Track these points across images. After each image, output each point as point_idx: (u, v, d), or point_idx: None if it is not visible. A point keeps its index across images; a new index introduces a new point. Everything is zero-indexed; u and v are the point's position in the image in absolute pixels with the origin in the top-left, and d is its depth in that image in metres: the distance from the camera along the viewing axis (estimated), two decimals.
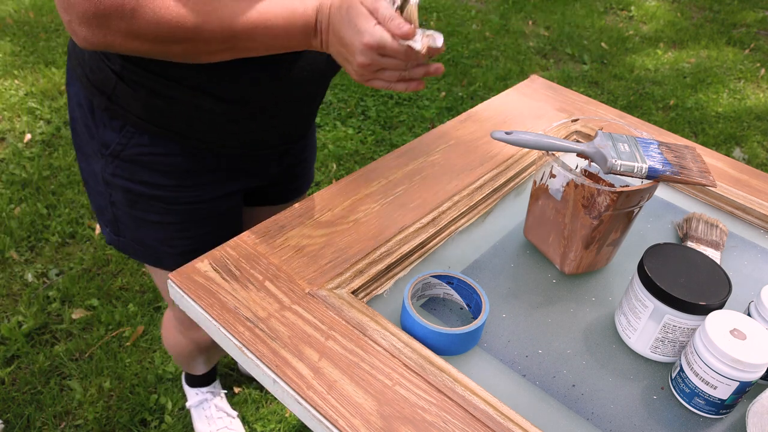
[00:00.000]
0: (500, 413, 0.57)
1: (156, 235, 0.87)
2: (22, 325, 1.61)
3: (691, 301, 0.61)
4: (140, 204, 0.84)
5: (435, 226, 0.78)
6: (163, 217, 0.85)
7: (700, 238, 0.82)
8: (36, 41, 2.90)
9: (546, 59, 3.25)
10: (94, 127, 0.81)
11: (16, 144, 2.25)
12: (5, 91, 2.53)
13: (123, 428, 1.42)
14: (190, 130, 0.80)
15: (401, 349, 0.62)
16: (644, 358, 0.68)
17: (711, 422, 0.62)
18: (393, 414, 0.57)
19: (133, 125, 0.79)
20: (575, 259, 0.74)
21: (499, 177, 0.88)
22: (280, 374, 0.59)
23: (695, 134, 2.73)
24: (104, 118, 0.79)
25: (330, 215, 0.79)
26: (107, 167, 0.82)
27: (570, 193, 0.70)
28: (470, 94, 2.84)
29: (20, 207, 1.99)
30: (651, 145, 0.71)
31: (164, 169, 0.82)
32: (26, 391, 1.48)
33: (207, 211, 0.88)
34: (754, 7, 4.05)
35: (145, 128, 0.79)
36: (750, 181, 0.95)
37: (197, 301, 0.65)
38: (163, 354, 1.59)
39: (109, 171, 0.82)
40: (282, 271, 0.70)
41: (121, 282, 1.77)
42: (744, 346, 0.58)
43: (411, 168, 0.89)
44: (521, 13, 3.71)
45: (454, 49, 3.19)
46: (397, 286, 0.73)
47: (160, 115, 0.78)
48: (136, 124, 0.79)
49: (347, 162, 2.35)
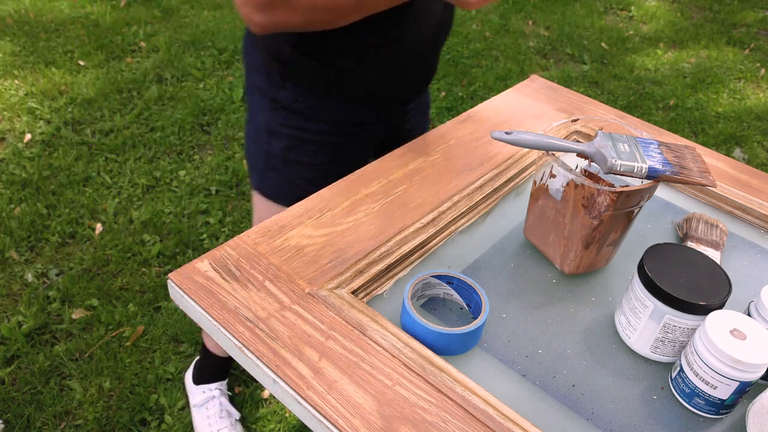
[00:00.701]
0: (500, 413, 0.57)
1: (305, 174, 1.05)
2: (22, 325, 1.61)
3: (691, 301, 0.61)
4: (298, 148, 1.03)
5: (435, 226, 0.78)
6: (315, 159, 1.04)
7: (700, 238, 0.82)
8: (36, 41, 2.90)
9: (546, 59, 3.25)
10: (267, 88, 1.01)
11: (16, 144, 2.25)
12: (5, 91, 2.53)
13: (123, 428, 1.42)
14: (347, 87, 0.98)
15: (401, 349, 0.62)
16: (644, 358, 0.68)
17: (711, 422, 0.62)
18: (393, 414, 0.57)
19: (302, 85, 0.98)
20: (575, 259, 0.74)
21: (499, 177, 0.88)
22: (280, 374, 0.59)
23: (695, 134, 2.73)
24: (278, 80, 0.99)
25: (330, 215, 0.79)
26: (276, 118, 1.02)
27: (570, 193, 0.70)
28: (470, 94, 2.84)
29: (20, 207, 1.99)
30: (651, 145, 0.71)
31: (323, 118, 1.01)
32: (26, 391, 1.48)
33: (350, 155, 1.06)
34: (754, 7, 4.05)
35: (312, 87, 0.98)
36: (750, 181, 0.95)
37: (197, 301, 0.65)
38: (163, 354, 1.59)
39: (278, 121, 1.02)
40: (282, 271, 0.70)
41: (121, 282, 1.77)
42: (744, 346, 0.58)
43: (411, 168, 0.89)
44: (521, 13, 3.71)
45: (454, 49, 3.19)
46: (397, 286, 0.73)
47: (324, 77, 0.96)
48: (304, 84, 0.98)
49: None
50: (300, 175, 1.06)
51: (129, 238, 1.92)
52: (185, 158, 2.29)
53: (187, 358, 1.59)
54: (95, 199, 2.06)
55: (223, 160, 2.29)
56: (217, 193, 2.15)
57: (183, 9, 3.38)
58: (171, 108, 2.55)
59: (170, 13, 3.32)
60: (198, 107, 2.56)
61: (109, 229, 1.95)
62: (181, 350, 1.61)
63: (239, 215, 2.05)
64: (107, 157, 2.25)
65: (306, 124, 1.02)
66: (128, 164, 2.22)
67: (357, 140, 1.07)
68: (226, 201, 2.11)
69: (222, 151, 2.35)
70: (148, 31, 3.11)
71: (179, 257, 1.88)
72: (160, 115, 2.50)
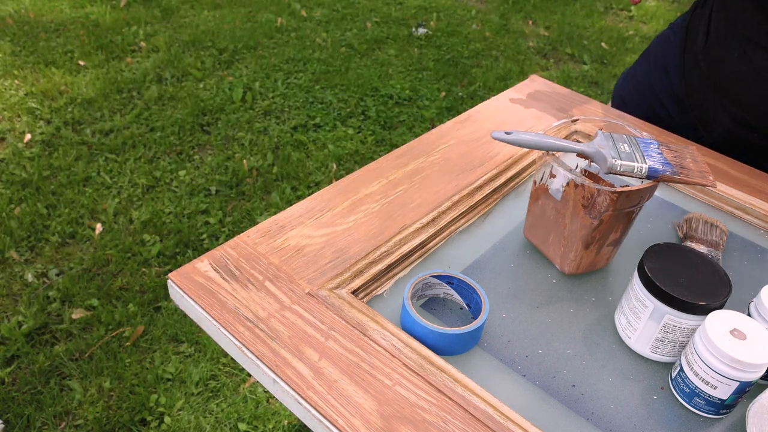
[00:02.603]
0: (500, 413, 0.57)
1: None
2: (22, 325, 1.61)
3: (691, 301, 0.61)
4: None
5: (435, 226, 0.78)
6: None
7: (700, 238, 0.82)
8: (36, 41, 2.90)
9: (546, 59, 3.25)
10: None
11: (16, 144, 2.25)
12: (5, 91, 2.53)
13: (123, 428, 1.42)
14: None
15: (401, 349, 0.62)
16: (644, 358, 0.68)
17: (711, 422, 0.62)
18: (393, 414, 0.57)
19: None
20: (575, 259, 0.74)
21: (499, 177, 0.88)
22: (280, 374, 0.59)
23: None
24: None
25: (330, 215, 0.79)
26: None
27: (570, 193, 0.70)
28: (470, 94, 2.84)
29: (20, 207, 1.99)
30: (651, 145, 0.71)
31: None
32: (26, 391, 1.48)
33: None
34: None
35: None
36: (750, 181, 0.95)
37: (197, 301, 0.65)
38: (163, 354, 1.59)
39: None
40: (282, 271, 0.70)
41: (121, 282, 1.77)
42: (744, 346, 0.58)
43: (411, 168, 0.89)
44: (521, 13, 3.71)
45: (454, 49, 3.19)
46: (397, 286, 0.73)
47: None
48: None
49: (347, 162, 2.35)
50: None
51: (129, 238, 1.92)
52: (185, 158, 2.29)
53: (187, 358, 1.59)
54: (95, 199, 2.06)
55: (223, 160, 2.29)
56: (217, 193, 2.15)
57: (183, 9, 3.38)
58: (171, 108, 2.55)
59: (170, 13, 3.32)
60: (198, 107, 2.56)
61: (109, 229, 1.95)
62: (181, 350, 1.61)
63: (239, 215, 2.05)
64: (107, 157, 2.25)
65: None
66: (128, 164, 2.22)
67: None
68: (226, 201, 2.11)
69: (222, 151, 2.35)
70: (148, 31, 3.11)
71: (179, 257, 1.88)
72: (160, 115, 2.50)
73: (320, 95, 2.74)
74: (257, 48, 3.08)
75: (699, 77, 1.00)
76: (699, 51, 1.00)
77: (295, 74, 2.89)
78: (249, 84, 2.77)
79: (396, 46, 3.22)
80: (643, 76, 1.11)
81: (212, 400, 1.51)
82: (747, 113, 0.95)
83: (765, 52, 0.89)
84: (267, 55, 3.02)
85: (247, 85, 2.76)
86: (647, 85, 1.09)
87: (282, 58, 3.00)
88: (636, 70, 1.13)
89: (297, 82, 2.83)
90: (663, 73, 1.06)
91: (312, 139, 2.46)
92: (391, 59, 3.08)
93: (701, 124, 1.03)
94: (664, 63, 1.06)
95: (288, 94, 2.73)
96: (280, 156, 2.35)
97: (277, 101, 2.68)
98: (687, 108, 1.04)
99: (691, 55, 1.02)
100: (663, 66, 1.06)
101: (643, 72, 1.11)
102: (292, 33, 3.26)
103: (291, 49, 3.08)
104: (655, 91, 1.08)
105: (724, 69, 0.95)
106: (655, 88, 1.08)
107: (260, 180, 2.22)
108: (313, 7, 3.58)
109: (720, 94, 0.97)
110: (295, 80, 2.84)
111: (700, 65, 0.99)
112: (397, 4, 3.71)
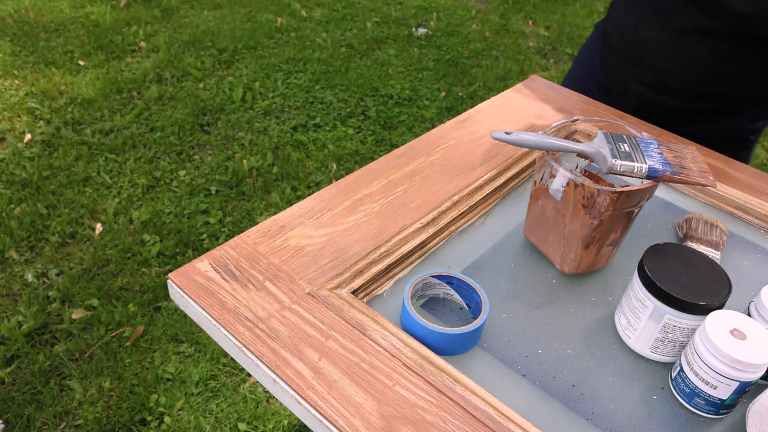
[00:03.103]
0: (500, 413, 0.57)
1: None
2: (22, 325, 1.61)
3: (691, 301, 0.61)
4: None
5: (435, 226, 0.78)
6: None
7: (700, 238, 0.82)
8: (36, 41, 2.90)
9: (546, 59, 3.25)
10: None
11: (16, 144, 2.25)
12: (5, 91, 2.53)
13: (123, 428, 1.42)
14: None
15: (401, 349, 0.62)
16: (644, 358, 0.68)
17: (711, 422, 0.62)
18: (393, 414, 0.57)
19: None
20: (575, 259, 0.74)
21: (499, 177, 0.88)
22: (280, 374, 0.59)
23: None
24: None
25: (330, 215, 0.79)
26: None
27: (570, 193, 0.70)
28: (470, 94, 2.84)
29: (20, 207, 1.99)
30: (651, 145, 0.71)
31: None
32: (26, 391, 1.48)
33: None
34: None
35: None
36: (750, 181, 0.95)
37: (197, 301, 0.65)
38: (163, 354, 1.59)
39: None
40: (282, 271, 0.70)
41: (121, 282, 1.77)
42: (744, 346, 0.58)
43: (411, 168, 0.89)
44: (521, 13, 3.71)
45: (454, 49, 3.19)
46: (397, 286, 0.73)
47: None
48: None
49: (347, 162, 2.35)
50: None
51: (129, 238, 1.92)
52: (185, 158, 2.29)
53: (187, 358, 1.59)
54: (95, 199, 2.06)
55: (223, 160, 2.29)
56: (217, 193, 2.15)
57: (183, 9, 3.38)
58: (171, 108, 2.55)
59: (170, 13, 3.32)
60: (198, 107, 2.56)
61: (109, 229, 1.95)
62: (181, 350, 1.61)
63: (239, 215, 2.05)
64: (107, 157, 2.25)
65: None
66: (128, 164, 2.22)
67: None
68: (226, 201, 2.11)
69: (222, 151, 2.35)
70: (148, 31, 3.11)
71: (179, 257, 1.88)
72: (160, 115, 2.50)
73: (320, 95, 2.74)
74: (257, 48, 3.08)
75: (612, 54, 1.12)
76: (608, 27, 1.12)
77: (295, 74, 2.89)
78: (249, 84, 2.77)
79: (396, 46, 3.22)
80: (577, 70, 1.26)
81: (212, 400, 1.51)
82: (654, 76, 1.05)
83: (661, 17, 1.00)
84: (267, 55, 3.02)
85: (247, 85, 2.76)
86: (579, 77, 1.24)
87: (282, 58, 3.00)
88: (574, 66, 1.28)
89: (297, 82, 2.83)
90: (589, 64, 1.21)
91: (312, 139, 2.46)
92: (391, 59, 3.08)
93: (620, 96, 1.13)
94: (590, 56, 1.21)
95: (288, 94, 2.73)
96: (280, 156, 2.35)
97: (277, 101, 2.68)
98: (607, 88, 1.16)
99: (607, 40, 1.14)
100: (589, 58, 1.21)
101: (578, 67, 1.26)
102: (292, 33, 3.26)
103: (291, 49, 3.08)
104: (585, 80, 1.21)
105: (630, 38, 1.05)
106: (585, 78, 1.21)
107: (260, 180, 2.22)
108: (313, 7, 3.58)
109: (630, 63, 1.07)
110: (295, 80, 2.84)
111: (612, 41, 1.11)
112: (397, 4, 3.71)
